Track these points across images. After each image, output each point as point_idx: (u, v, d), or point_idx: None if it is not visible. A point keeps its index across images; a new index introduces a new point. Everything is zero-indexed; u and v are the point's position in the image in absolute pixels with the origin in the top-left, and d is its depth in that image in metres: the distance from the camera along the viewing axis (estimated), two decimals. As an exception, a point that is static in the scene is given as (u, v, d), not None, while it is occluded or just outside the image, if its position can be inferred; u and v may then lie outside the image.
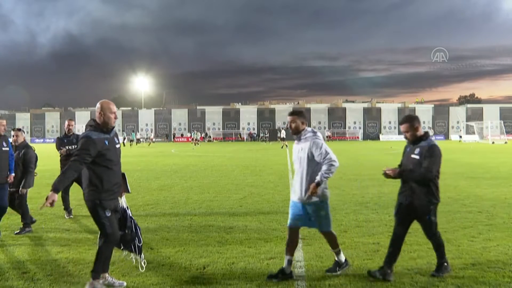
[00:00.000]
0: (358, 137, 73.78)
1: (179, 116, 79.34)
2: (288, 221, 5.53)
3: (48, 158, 24.91)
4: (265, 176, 16.46)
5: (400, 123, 5.49)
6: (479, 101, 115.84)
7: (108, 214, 4.84)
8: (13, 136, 7.93)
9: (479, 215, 8.69)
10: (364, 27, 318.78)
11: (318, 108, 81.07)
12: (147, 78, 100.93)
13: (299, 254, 6.17)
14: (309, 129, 5.46)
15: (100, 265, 4.90)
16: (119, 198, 5.13)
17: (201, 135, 63.93)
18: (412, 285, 4.97)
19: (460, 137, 64.83)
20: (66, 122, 9.47)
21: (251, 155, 31.82)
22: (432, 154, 5.05)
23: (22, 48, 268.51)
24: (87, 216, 8.85)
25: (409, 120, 5.34)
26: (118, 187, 5.04)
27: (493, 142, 51.45)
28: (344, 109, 79.29)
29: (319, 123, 76.57)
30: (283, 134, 49.63)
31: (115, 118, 5.12)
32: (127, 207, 5.26)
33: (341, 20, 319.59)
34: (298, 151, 5.38)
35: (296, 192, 5.41)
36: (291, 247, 5.38)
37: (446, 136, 72.97)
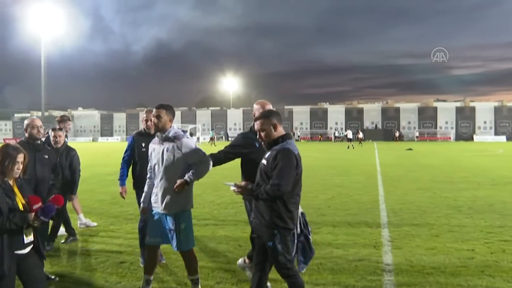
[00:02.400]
0: (450, 138, 70.52)
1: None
2: (146, 238, 4.76)
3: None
4: (353, 177, 16.25)
5: (255, 119, 4.24)
6: None
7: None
8: (53, 137, 6.82)
9: None
10: (453, 23, 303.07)
11: (408, 107, 78.35)
12: (235, 78, 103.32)
13: (388, 257, 6.03)
14: (175, 128, 4.70)
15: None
16: None
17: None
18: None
19: None
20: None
21: (338, 155, 31.44)
22: (282, 161, 3.82)
23: (119, 55, 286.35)
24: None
25: (266, 115, 4.12)
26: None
27: None
28: (435, 108, 76.02)
29: (409, 123, 74.17)
30: (349, 134, 50.27)
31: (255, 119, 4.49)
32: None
33: (426, 18, 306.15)
34: (163, 152, 4.57)
35: (159, 200, 4.58)
36: (149, 266, 4.76)
37: (553, 139, 67.67)
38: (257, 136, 4.18)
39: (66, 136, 7.96)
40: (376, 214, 8.96)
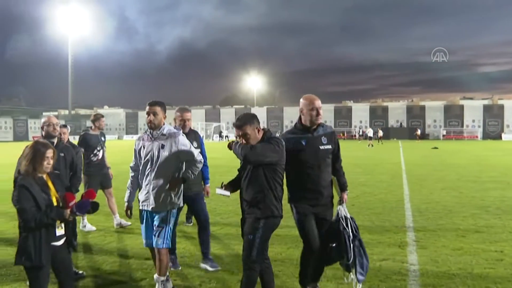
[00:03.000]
0: (477, 136, 69.38)
1: (291, 114, 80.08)
2: (144, 241, 4.76)
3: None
4: (378, 175, 16.14)
5: (236, 127, 4.06)
6: None
7: (301, 218, 4.38)
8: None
9: None
10: (480, 20, 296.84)
11: (434, 105, 77.34)
12: (259, 77, 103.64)
13: (413, 257, 5.96)
14: (168, 125, 4.65)
15: (302, 275, 4.62)
16: (340, 206, 4.51)
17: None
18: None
19: None
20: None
21: (362, 153, 31.20)
22: (270, 141, 3.94)
23: (143, 54, 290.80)
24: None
25: (248, 121, 4.02)
26: (315, 193, 4.35)
27: None
28: (462, 106, 74.82)
29: (434, 121, 73.24)
30: (370, 133, 49.93)
31: (315, 114, 4.32)
32: (346, 217, 4.41)
33: (452, 14, 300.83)
34: (158, 149, 4.48)
35: (150, 198, 4.54)
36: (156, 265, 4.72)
37: None
38: (301, 132, 4.38)
39: (103, 135, 8.10)
40: (401, 214, 8.86)
